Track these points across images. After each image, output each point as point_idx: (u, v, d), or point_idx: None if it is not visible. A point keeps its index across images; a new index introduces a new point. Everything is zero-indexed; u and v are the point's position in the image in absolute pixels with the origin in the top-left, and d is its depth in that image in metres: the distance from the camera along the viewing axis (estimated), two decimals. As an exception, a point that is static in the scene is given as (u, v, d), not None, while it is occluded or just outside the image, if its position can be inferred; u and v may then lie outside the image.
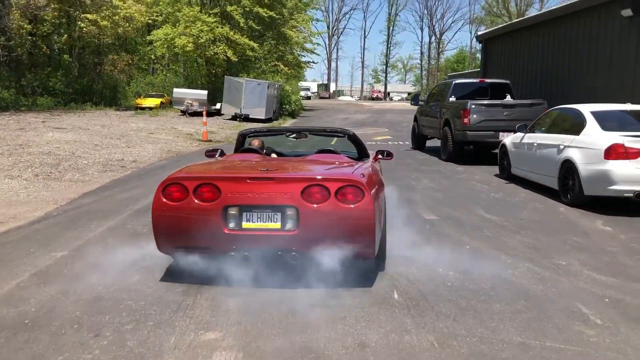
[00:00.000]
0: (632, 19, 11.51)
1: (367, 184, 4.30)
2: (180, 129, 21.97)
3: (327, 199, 4.15)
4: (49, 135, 16.02)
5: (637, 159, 7.02)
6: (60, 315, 3.80)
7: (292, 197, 4.15)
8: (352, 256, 4.25)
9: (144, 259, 5.02)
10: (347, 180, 4.25)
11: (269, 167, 4.69)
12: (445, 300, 4.14)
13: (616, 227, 6.60)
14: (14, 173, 9.91)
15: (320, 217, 4.14)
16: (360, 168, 4.81)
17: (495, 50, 19.67)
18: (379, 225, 4.45)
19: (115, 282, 4.44)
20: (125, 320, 3.72)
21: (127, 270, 4.74)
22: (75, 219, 6.84)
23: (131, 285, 4.38)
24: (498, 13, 70.67)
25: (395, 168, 11.75)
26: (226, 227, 4.22)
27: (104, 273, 4.65)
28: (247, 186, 4.23)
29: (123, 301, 4.06)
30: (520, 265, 5.05)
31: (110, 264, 4.86)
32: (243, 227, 4.22)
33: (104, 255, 5.15)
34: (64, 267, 4.87)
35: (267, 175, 4.35)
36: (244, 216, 4.22)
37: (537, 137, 9.01)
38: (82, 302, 4.04)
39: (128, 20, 33.67)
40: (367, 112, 42.32)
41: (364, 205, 4.13)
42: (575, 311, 3.97)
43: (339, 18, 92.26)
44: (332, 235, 4.14)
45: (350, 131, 6.11)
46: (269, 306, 3.97)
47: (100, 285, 4.37)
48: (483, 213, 7.33)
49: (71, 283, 4.44)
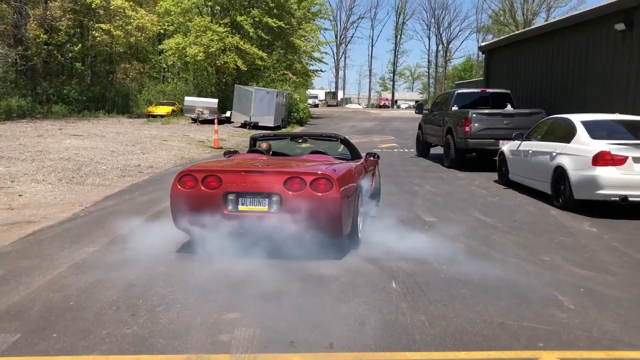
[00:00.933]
0: (624, 33, 12.02)
1: (338, 177, 5.38)
2: (192, 136, 22.61)
3: (303, 188, 5.27)
4: (67, 142, 16.69)
5: (623, 165, 7.53)
6: (100, 299, 4.36)
7: (277, 187, 5.31)
8: (324, 234, 5.43)
9: (169, 254, 5.59)
10: (319, 174, 5.34)
11: (263, 163, 5.86)
12: (438, 289, 4.67)
13: (601, 228, 7.11)
14: (39, 177, 10.53)
15: (298, 203, 5.23)
16: (337, 165, 5.92)
17: (497, 60, 20.22)
18: (348, 211, 5.52)
19: (144, 272, 5.00)
20: (156, 303, 4.27)
21: (154, 262, 5.30)
22: (102, 219, 7.42)
23: (159, 275, 4.93)
24: (505, 22, 71.21)
25: (399, 174, 12.33)
26: (226, 209, 5.39)
27: (134, 265, 5.21)
28: (243, 177, 5.45)
29: (153, 288, 4.61)
30: (508, 260, 5.57)
31: (138, 258, 5.43)
32: (239, 210, 5.39)
33: (132, 250, 5.71)
34: (97, 260, 5.44)
35: (258, 169, 5.53)
36: (240, 201, 5.40)
37: (533, 144, 9.54)
38: (117, 288, 4.60)
39: (140, 30, 34.48)
40: (374, 120, 42.88)
41: (332, 194, 5.24)
42: (553, 298, 4.49)
43: (347, 27, 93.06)
44: (308, 217, 5.22)
45: (342, 136, 7.48)
46: (280, 291, 4.52)
47: (131, 275, 4.93)
48: (479, 215, 7.85)
49: (105, 273, 5.00)
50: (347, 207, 5.50)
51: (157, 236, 6.16)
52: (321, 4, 47.97)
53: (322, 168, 5.58)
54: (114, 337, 3.67)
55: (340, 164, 6.11)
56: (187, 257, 5.43)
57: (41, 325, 3.85)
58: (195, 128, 27.45)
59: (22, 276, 4.90)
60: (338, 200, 5.24)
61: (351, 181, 5.84)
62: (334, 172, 5.46)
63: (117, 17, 33.10)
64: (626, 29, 11.84)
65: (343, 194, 5.36)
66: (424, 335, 3.75)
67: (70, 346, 3.54)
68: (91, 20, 33.46)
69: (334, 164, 5.99)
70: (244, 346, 3.55)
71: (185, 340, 3.63)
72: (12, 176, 10.49)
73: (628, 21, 11.76)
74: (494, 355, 3.48)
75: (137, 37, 35.26)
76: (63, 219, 7.41)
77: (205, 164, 6.35)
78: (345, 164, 6.30)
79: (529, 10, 68.99)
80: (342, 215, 5.32)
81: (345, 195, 5.46)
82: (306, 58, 45.72)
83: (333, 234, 5.47)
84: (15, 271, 5.05)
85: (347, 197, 5.50)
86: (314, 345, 3.59)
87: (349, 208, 5.58)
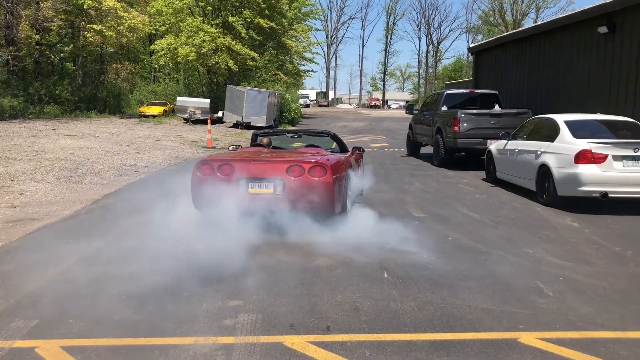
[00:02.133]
0: (607, 36, 12.41)
1: (331, 165, 6.45)
2: (185, 136, 22.83)
3: (302, 174, 6.32)
4: (61, 142, 16.88)
5: (603, 163, 7.89)
6: (109, 289, 4.63)
7: (280, 173, 6.35)
8: (320, 213, 6.43)
9: (172, 248, 5.85)
10: (315, 162, 6.42)
11: (267, 154, 7.03)
12: (427, 278, 4.99)
13: (582, 223, 7.46)
14: (37, 177, 10.75)
15: (298, 186, 6.27)
16: (329, 156, 7.05)
17: (486, 61, 20.60)
18: (339, 193, 6.58)
19: (150, 265, 5.27)
20: (163, 293, 4.54)
21: (158, 257, 5.56)
22: (103, 216, 7.68)
23: (164, 269, 5.19)
24: (494, 22, 71.81)
25: (390, 172, 12.65)
26: (238, 191, 6.35)
27: (139, 259, 5.48)
28: (252, 165, 6.52)
29: (159, 279, 4.88)
30: (493, 252, 5.90)
31: (142, 251, 5.70)
32: (249, 192, 6.38)
33: (136, 245, 5.97)
34: (103, 254, 5.71)
35: (264, 159, 6.66)
36: (249, 185, 6.39)
37: (518, 143, 9.89)
38: (124, 280, 4.86)
39: (132, 30, 34.60)
40: (365, 120, 43.24)
41: (325, 179, 6.31)
42: (533, 286, 4.82)
43: (338, 27, 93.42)
44: (306, 198, 6.24)
45: (332, 132, 8.72)
46: (280, 282, 4.82)
47: (137, 267, 5.20)
48: (467, 211, 8.18)
49: (112, 265, 5.27)
50: (338, 190, 6.57)
51: (159, 231, 6.42)
52: (312, 4, 48.26)
53: (317, 158, 6.65)
54: (127, 322, 3.95)
55: (332, 155, 7.23)
56: (189, 250, 5.70)
57: (57, 312, 4.12)
58: (187, 128, 27.65)
59: (32, 269, 5.16)
60: (331, 184, 6.30)
61: (341, 169, 6.88)
62: (327, 161, 6.54)
63: (109, 17, 33.21)
64: (609, 31, 12.22)
65: (335, 179, 6.40)
66: (414, 319, 4.07)
67: (87, 330, 3.82)
68: (83, 20, 33.54)
69: (327, 155, 7.09)
70: (247, 330, 3.85)
71: (193, 325, 3.91)
72: (11, 176, 10.70)
73: (610, 24, 12.14)
74: (477, 336, 3.79)
75: (129, 37, 35.39)
76: (66, 216, 7.65)
77: (218, 155, 7.57)
78: (336, 155, 7.44)
79: (518, 10, 69.62)
80: (334, 197, 6.38)
81: (337, 180, 6.50)
82: (297, 58, 46.01)
83: (326, 212, 6.48)
84: (25, 264, 5.32)
85: (338, 182, 6.54)
86: (312, 328, 3.89)
87: (340, 191, 6.65)
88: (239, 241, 5.85)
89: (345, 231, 6.46)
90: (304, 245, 6.04)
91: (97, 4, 31.90)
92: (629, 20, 11.83)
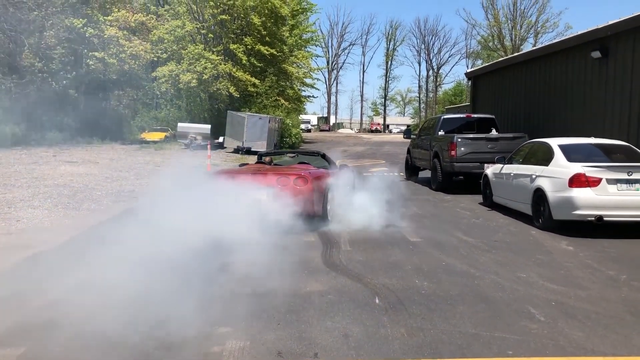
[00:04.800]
0: (600, 60, 12.55)
1: (311, 177, 8.29)
2: (185, 162, 22.89)
3: (289, 184, 8.13)
4: (61, 169, 16.96)
5: (597, 186, 7.90)
6: (100, 316, 4.61)
7: (272, 182, 8.14)
8: (306, 214, 8.09)
9: (163, 273, 5.83)
10: (298, 175, 8.28)
11: (265, 169, 9.00)
12: (418, 304, 4.97)
13: (577, 246, 7.45)
14: (35, 203, 10.77)
15: (285, 193, 7.97)
16: (312, 170, 9.00)
17: (483, 86, 20.79)
18: (319, 199, 8.38)
19: (142, 291, 5.25)
20: (153, 319, 4.53)
21: (150, 282, 5.54)
22: (98, 242, 7.68)
23: (155, 293, 5.18)
24: (494, 47, 72.48)
25: (387, 197, 12.62)
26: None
27: (132, 285, 5.45)
28: (251, 177, 8.33)
29: (149, 305, 4.86)
30: (486, 277, 5.89)
31: (135, 278, 5.68)
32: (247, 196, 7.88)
33: (129, 271, 5.96)
34: (97, 280, 5.67)
35: (261, 172, 8.56)
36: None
37: (514, 167, 9.93)
38: (118, 306, 4.84)
39: (134, 57, 35.00)
40: (365, 145, 43.39)
41: (306, 188, 8.12)
42: (525, 311, 4.80)
43: (338, 53, 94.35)
44: (291, 202, 7.81)
45: (322, 152, 10.77)
46: (271, 309, 4.80)
47: (130, 294, 5.18)
48: (462, 236, 8.18)
49: (105, 292, 5.23)
50: (319, 196, 8.37)
51: (152, 257, 6.42)
52: (313, 31, 48.94)
53: (302, 172, 8.48)
54: (119, 349, 3.93)
55: (315, 170, 9.15)
56: (180, 276, 5.69)
57: (45, 339, 4.11)
58: (188, 154, 27.76)
59: (24, 295, 5.15)
60: (311, 191, 8.12)
61: (322, 180, 8.74)
62: (309, 174, 8.41)
63: (111, 45, 33.63)
64: (602, 56, 12.36)
65: (315, 188, 8.23)
66: (403, 345, 4.05)
67: (73, 358, 3.80)
68: (85, 48, 33.97)
69: (310, 170, 9.00)
70: (234, 357, 3.83)
71: (181, 352, 3.90)
72: (8, 202, 10.73)
73: (603, 49, 12.28)
74: (466, 362, 3.77)
75: (131, 64, 35.76)
76: (61, 243, 7.65)
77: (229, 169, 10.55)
78: (319, 170, 9.30)
79: (517, 36, 70.34)
80: (314, 201, 8.19)
81: (317, 189, 8.31)
82: (298, 84, 46.39)
83: (308, 213, 8.18)
84: (17, 291, 5.31)
85: (318, 190, 8.36)
86: (300, 355, 3.87)
87: (320, 197, 8.43)
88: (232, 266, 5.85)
89: (339, 256, 6.46)
90: (296, 271, 6.03)
91: (99, 32, 32.33)
92: (621, 46, 11.97)
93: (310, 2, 46.85)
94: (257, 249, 6.71)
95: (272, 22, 37.56)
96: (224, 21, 36.03)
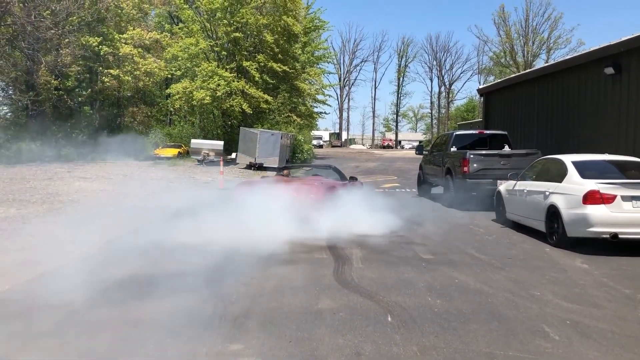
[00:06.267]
0: (614, 77, 12.49)
1: (323, 189, 10.10)
2: (198, 178, 23.04)
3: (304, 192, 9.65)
4: (76, 185, 17.13)
5: (612, 203, 7.82)
6: (112, 333, 4.63)
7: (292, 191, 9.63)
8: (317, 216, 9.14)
9: (174, 291, 5.85)
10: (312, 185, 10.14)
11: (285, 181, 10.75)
12: (431, 322, 4.92)
13: (592, 264, 7.36)
14: (49, 219, 10.88)
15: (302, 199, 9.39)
16: (324, 182, 10.73)
17: (495, 102, 20.75)
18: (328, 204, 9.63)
19: (151, 308, 5.27)
20: (163, 336, 4.53)
21: (160, 298, 5.56)
22: (112, 258, 7.72)
23: (165, 310, 5.19)
24: (506, 64, 72.40)
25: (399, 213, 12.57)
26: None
27: (142, 300, 5.48)
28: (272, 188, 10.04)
29: (159, 322, 4.87)
30: (499, 295, 5.83)
31: (146, 294, 5.70)
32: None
33: (141, 287, 5.99)
34: (109, 297, 5.71)
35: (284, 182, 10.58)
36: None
37: (527, 184, 9.86)
38: (127, 323, 4.86)
39: (148, 75, 35.47)
40: (377, 160, 43.37)
41: (317, 196, 9.65)
42: (539, 330, 4.74)
43: (350, 70, 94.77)
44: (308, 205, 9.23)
45: (333, 166, 12.90)
46: (282, 326, 4.79)
47: (140, 311, 5.20)
48: (475, 253, 8.11)
49: (117, 310, 5.27)
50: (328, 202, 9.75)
51: (162, 272, 6.44)
52: (325, 48, 49.35)
53: (315, 183, 10.37)
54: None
55: (326, 182, 10.84)
56: (191, 292, 5.70)
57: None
58: (200, 170, 27.93)
59: (35, 314, 5.17)
60: (322, 199, 9.64)
61: (332, 191, 10.32)
62: (321, 185, 10.32)
63: (126, 62, 34.12)
64: (615, 72, 12.31)
65: (325, 196, 9.81)
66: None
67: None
68: (100, 66, 34.47)
69: (323, 182, 10.74)
70: (246, 374, 3.81)
71: (192, 369, 3.89)
72: (23, 218, 10.85)
73: (617, 65, 12.24)
74: (479, 381, 3.72)
75: (145, 81, 36.24)
76: (75, 258, 7.69)
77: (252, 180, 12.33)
78: (331, 181, 11.07)
79: (529, 52, 70.26)
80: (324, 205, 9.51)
81: (328, 197, 9.85)
82: (310, 100, 46.66)
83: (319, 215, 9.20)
84: (27, 308, 5.34)
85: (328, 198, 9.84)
86: (312, 373, 3.85)
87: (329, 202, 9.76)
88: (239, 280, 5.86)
89: (350, 273, 6.44)
90: (308, 287, 6.02)
91: (114, 50, 32.82)
92: (634, 62, 11.92)
93: (323, 20, 47.39)
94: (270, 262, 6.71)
95: (284, 40, 37.95)
96: (237, 39, 36.44)
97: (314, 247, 8.24)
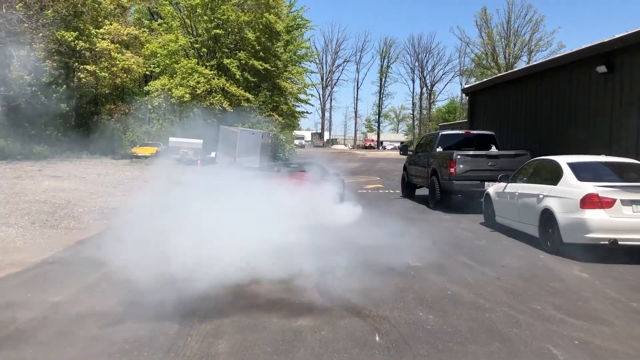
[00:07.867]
0: (606, 75, 12.09)
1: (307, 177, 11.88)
2: (175, 177, 22.26)
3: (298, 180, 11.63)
4: (45, 184, 16.28)
5: (611, 208, 7.35)
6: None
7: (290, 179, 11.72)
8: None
9: (141, 304, 5.23)
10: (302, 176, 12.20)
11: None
12: (424, 342, 4.37)
13: (592, 273, 6.87)
14: (11, 221, 10.12)
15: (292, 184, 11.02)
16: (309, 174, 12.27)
17: (481, 102, 20.34)
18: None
19: (113, 323, 4.65)
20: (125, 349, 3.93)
21: (122, 313, 4.94)
22: (71, 265, 7.05)
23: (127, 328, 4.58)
24: (487, 65, 72.52)
25: (384, 216, 12.04)
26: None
27: (100, 318, 4.86)
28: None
29: (118, 343, 4.26)
30: (497, 309, 5.30)
31: (106, 310, 5.08)
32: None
33: (100, 300, 5.35)
34: (62, 311, 5.07)
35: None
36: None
37: (518, 186, 9.38)
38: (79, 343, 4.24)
39: (126, 71, 34.49)
40: (360, 161, 42.90)
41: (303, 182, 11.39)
42: (546, 352, 4.22)
43: (333, 70, 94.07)
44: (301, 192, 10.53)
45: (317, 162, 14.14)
46: (256, 346, 4.19)
47: (94, 330, 4.58)
48: (466, 260, 7.59)
49: (69, 327, 4.65)
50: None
51: (128, 285, 5.81)
52: (307, 47, 48.71)
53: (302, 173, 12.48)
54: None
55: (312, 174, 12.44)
56: (159, 315, 5.08)
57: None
58: (179, 169, 27.12)
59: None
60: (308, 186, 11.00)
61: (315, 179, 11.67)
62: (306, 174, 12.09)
63: (103, 58, 33.12)
64: (607, 71, 11.92)
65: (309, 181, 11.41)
66: (409, 396, 3.45)
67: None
68: (76, 61, 33.44)
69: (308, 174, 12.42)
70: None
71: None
72: (-17, 220, 10.08)
73: (609, 64, 11.84)
74: (485, 420, 3.17)
75: (123, 78, 35.25)
76: (30, 265, 7.02)
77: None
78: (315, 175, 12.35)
79: (510, 54, 70.43)
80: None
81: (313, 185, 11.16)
82: (292, 99, 45.98)
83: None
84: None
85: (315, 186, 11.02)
86: (289, 409, 3.27)
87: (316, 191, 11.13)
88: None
89: (332, 283, 5.86)
90: (286, 299, 5.43)
91: (91, 45, 31.85)
92: (627, 60, 11.54)
93: (305, 19, 46.72)
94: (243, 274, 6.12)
95: (266, 38, 37.24)
96: (217, 36, 35.68)
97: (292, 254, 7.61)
